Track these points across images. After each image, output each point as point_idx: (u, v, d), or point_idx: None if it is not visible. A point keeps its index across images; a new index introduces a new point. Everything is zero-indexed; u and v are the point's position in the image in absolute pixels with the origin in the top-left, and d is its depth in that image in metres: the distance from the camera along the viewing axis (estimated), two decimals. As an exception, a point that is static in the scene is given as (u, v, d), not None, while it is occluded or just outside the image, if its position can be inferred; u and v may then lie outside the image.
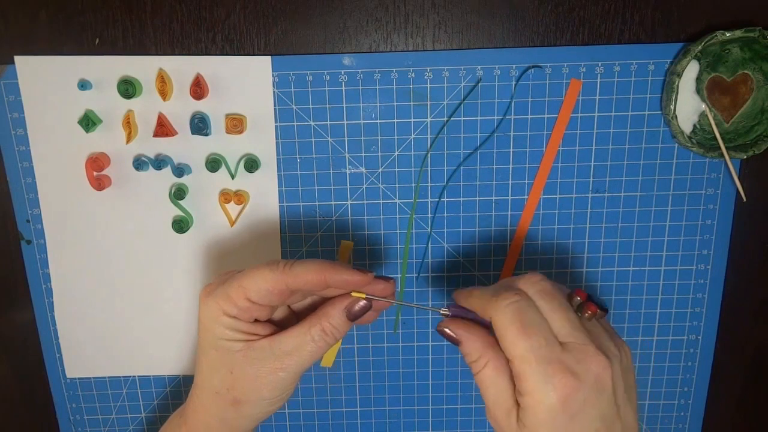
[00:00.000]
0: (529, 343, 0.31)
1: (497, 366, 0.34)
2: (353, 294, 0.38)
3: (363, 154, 0.46)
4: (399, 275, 0.49)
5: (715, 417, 0.52)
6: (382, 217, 0.48)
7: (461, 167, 0.47)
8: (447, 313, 0.37)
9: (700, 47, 0.42)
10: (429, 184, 0.47)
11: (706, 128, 0.45)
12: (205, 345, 0.36)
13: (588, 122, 0.46)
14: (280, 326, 0.38)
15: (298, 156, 0.47)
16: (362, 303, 0.36)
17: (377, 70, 0.45)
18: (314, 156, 0.47)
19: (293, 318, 0.40)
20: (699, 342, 0.50)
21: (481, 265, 0.49)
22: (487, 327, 0.36)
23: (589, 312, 0.34)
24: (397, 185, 0.47)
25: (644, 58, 0.45)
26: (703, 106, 0.45)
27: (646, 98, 0.45)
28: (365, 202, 0.47)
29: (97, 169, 0.46)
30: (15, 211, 0.47)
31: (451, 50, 0.45)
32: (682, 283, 0.49)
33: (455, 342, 0.36)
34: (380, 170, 0.47)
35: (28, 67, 0.44)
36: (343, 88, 0.45)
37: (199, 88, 0.44)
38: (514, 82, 0.45)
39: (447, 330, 0.36)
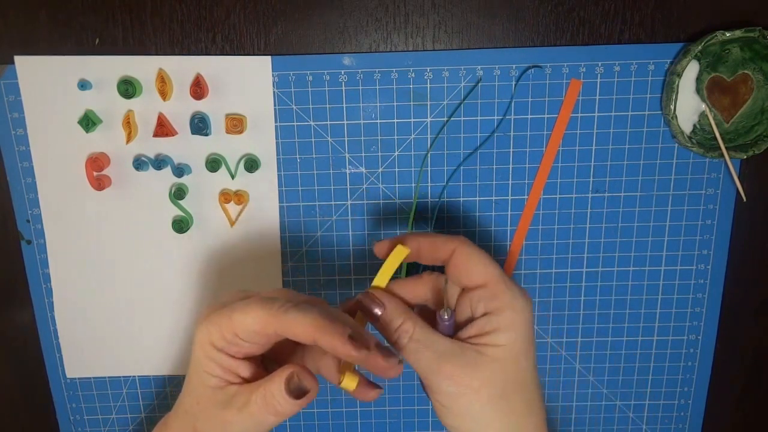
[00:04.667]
0: (498, 268, 0.34)
1: (423, 324, 0.34)
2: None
3: (363, 154, 0.46)
4: (399, 275, 0.49)
5: (715, 417, 0.52)
6: (382, 217, 0.48)
7: (461, 167, 0.47)
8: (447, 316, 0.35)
9: (700, 47, 0.42)
10: (429, 184, 0.47)
11: (706, 128, 0.45)
12: (191, 366, 0.35)
13: (588, 122, 0.46)
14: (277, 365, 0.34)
15: (298, 156, 0.47)
16: (303, 383, 0.32)
17: (377, 70, 0.45)
18: (314, 156, 0.47)
19: (299, 356, 0.37)
20: (699, 342, 0.50)
21: (481, 265, 0.49)
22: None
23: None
24: (397, 185, 0.47)
25: (644, 58, 0.45)
26: (703, 106, 0.45)
27: (646, 98, 0.45)
28: (365, 202, 0.47)
29: (97, 169, 0.46)
30: (15, 211, 0.47)
31: (451, 50, 0.45)
32: (682, 283, 0.49)
33: (375, 314, 0.34)
34: (380, 170, 0.47)
35: (28, 67, 0.44)
36: (343, 88, 0.45)
37: (199, 88, 0.44)
38: (514, 82, 0.45)
39: (368, 298, 0.35)
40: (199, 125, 0.45)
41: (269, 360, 0.36)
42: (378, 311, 0.35)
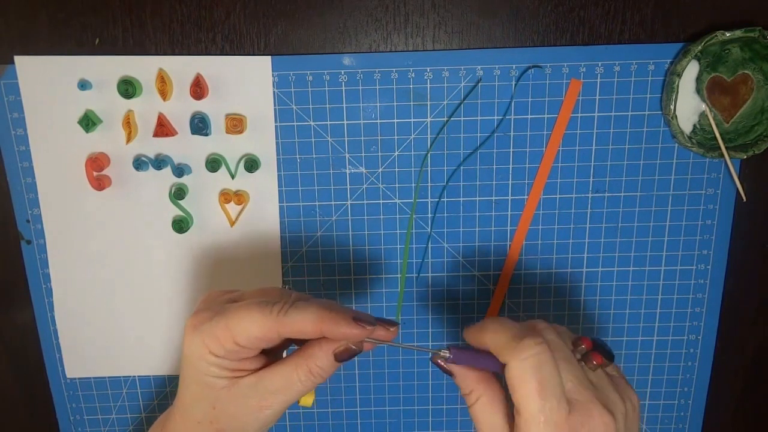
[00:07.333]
0: (542, 404, 0.30)
1: (491, 400, 0.33)
2: None
3: (363, 154, 0.46)
4: (399, 275, 0.49)
5: (715, 417, 0.52)
6: (382, 217, 0.48)
7: (461, 167, 0.47)
8: (447, 355, 0.35)
9: (700, 47, 0.42)
10: (429, 184, 0.47)
11: (706, 128, 0.45)
12: (187, 378, 0.35)
13: (588, 122, 0.46)
14: (272, 354, 0.36)
15: (298, 156, 0.47)
16: (352, 347, 0.34)
17: (377, 70, 0.45)
18: (314, 156, 0.47)
19: (289, 344, 0.38)
20: (699, 342, 0.50)
21: (481, 265, 0.49)
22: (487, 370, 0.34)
23: (595, 362, 0.33)
24: (397, 185, 0.47)
25: (644, 58, 0.45)
26: (703, 106, 0.45)
27: (646, 98, 0.45)
28: (365, 202, 0.47)
29: (97, 169, 0.46)
30: (15, 211, 0.47)
31: (451, 50, 0.45)
32: (682, 283, 0.49)
33: (448, 374, 0.35)
34: (380, 170, 0.47)
35: (28, 67, 0.44)
36: (343, 88, 0.45)
37: (199, 88, 0.44)
38: (514, 82, 0.45)
39: (440, 362, 0.35)
40: (199, 125, 0.45)
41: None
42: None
